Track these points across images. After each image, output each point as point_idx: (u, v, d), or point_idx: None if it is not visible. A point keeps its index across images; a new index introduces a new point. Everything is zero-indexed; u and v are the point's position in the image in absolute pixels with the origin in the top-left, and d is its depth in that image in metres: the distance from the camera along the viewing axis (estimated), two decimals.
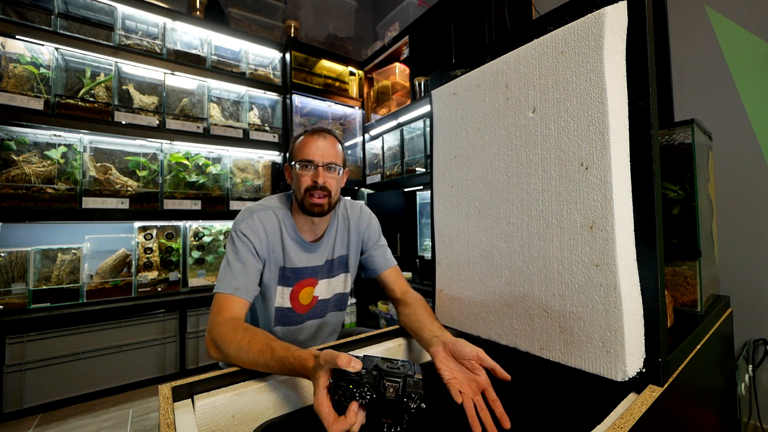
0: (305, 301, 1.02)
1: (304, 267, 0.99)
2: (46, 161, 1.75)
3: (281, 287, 0.98)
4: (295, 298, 1.00)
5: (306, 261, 0.99)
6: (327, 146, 0.94)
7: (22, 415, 1.56)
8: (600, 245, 0.59)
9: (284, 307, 0.99)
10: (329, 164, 0.93)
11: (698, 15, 1.49)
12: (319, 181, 0.91)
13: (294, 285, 0.99)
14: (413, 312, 0.89)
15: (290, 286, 0.99)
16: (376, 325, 2.43)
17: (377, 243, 1.11)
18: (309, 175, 0.92)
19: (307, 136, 0.96)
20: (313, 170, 0.92)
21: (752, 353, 1.31)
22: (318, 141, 0.94)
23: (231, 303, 0.82)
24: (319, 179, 0.91)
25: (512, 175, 0.75)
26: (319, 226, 1.00)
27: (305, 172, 0.93)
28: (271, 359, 0.64)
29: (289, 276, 0.98)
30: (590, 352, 0.61)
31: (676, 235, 0.95)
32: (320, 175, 0.91)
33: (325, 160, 0.93)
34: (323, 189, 0.92)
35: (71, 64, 1.90)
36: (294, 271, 0.98)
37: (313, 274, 1.01)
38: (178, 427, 0.54)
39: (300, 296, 1.01)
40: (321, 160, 0.92)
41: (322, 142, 0.94)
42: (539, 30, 0.72)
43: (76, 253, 1.80)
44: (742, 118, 1.37)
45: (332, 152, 0.95)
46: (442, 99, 0.96)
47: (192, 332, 1.97)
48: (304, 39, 2.75)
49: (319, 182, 0.91)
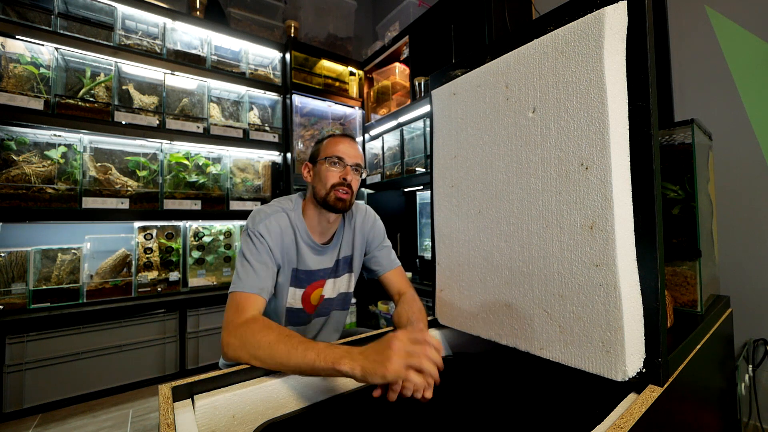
0: (315, 302, 1.04)
1: (317, 269, 1.01)
2: (46, 161, 1.75)
3: (293, 288, 0.99)
4: (307, 300, 1.02)
5: (319, 263, 1.02)
6: (354, 148, 1.01)
7: (22, 415, 1.56)
8: (600, 245, 0.59)
9: (295, 308, 1.00)
10: (356, 165, 0.99)
11: (698, 15, 1.49)
12: (348, 178, 0.96)
13: (306, 287, 1.01)
14: (404, 310, 0.93)
15: (302, 287, 1.00)
16: (376, 325, 2.43)
17: (381, 244, 1.13)
18: (338, 172, 0.97)
19: (337, 137, 1.01)
20: (342, 168, 0.97)
21: (752, 353, 1.31)
22: (348, 142, 1.00)
23: (252, 302, 0.82)
24: (347, 176, 0.97)
25: (512, 175, 0.75)
26: (330, 228, 1.03)
27: (334, 169, 0.97)
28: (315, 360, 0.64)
29: (302, 278, 0.99)
30: (590, 352, 0.61)
31: (676, 235, 0.95)
32: (349, 173, 0.97)
33: (353, 160, 0.99)
34: (348, 186, 0.97)
35: (71, 64, 1.90)
36: (307, 274, 1.00)
37: (324, 275, 1.04)
38: (178, 427, 0.54)
39: (311, 297, 1.03)
40: (351, 160, 0.98)
41: (351, 144, 1.01)
42: (539, 30, 0.72)
43: (76, 253, 1.80)
44: (742, 118, 1.37)
45: (358, 155, 1.01)
46: (442, 99, 0.96)
47: (192, 332, 1.97)
48: (304, 39, 2.75)
49: (348, 179, 0.96)
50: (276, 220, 0.95)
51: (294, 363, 0.65)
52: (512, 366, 0.81)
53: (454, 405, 0.85)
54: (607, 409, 0.54)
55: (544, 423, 0.74)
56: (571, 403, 0.70)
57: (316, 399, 0.72)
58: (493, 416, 0.81)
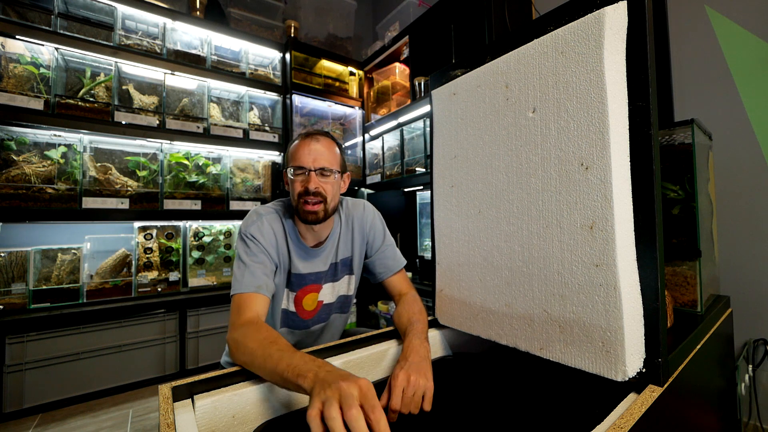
0: (310, 307, 1.01)
1: (308, 273, 0.98)
2: (46, 161, 1.75)
3: (288, 290, 0.98)
4: (299, 304, 0.99)
5: (309, 267, 0.98)
6: (320, 150, 0.90)
7: (22, 415, 1.56)
8: (600, 245, 0.59)
9: (290, 311, 0.99)
10: (322, 169, 0.89)
11: (698, 15, 1.49)
12: (311, 186, 0.87)
13: (297, 291, 0.98)
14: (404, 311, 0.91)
15: (294, 291, 0.98)
16: (376, 325, 2.43)
17: (383, 244, 1.07)
18: (300, 181, 0.89)
19: (300, 141, 0.92)
20: (305, 176, 0.89)
21: (752, 353, 1.31)
22: (311, 145, 0.90)
23: (253, 301, 0.80)
24: (310, 185, 0.87)
25: (512, 175, 0.75)
26: (321, 232, 0.98)
27: (297, 178, 0.90)
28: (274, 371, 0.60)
29: (294, 281, 0.97)
30: (590, 352, 0.61)
31: (676, 235, 0.95)
32: (312, 181, 0.88)
33: (317, 164, 0.89)
34: (316, 195, 0.88)
35: (71, 64, 1.90)
36: (297, 277, 0.97)
37: (317, 280, 1.00)
38: (178, 427, 0.54)
39: (304, 302, 1.00)
40: (313, 165, 0.89)
41: (315, 146, 0.90)
42: (539, 30, 0.72)
43: (76, 253, 1.80)
44: (742, 118, 1.37)
45: (326, 156, 0.91)
46: (442, 99, 0.96)
47: (192, 332, 1.97)
48: (304, 39, 2.75)
49: (311, 188, 0.87)
50: (268, 221, 0.93)
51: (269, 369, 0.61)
52: (512, 366, 0.81)
53: (454, 405, 0.85)
54: (607, 409, 0.54)
55: (544, 423, 0.74)
56: (571, 403, 0.70)
57: None
58: (493, 416, 0.82)
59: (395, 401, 0.65)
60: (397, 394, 0.65)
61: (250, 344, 0.68)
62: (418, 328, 0.82)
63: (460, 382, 0.90)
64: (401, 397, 0.65)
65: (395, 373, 0.68)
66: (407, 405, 0.65)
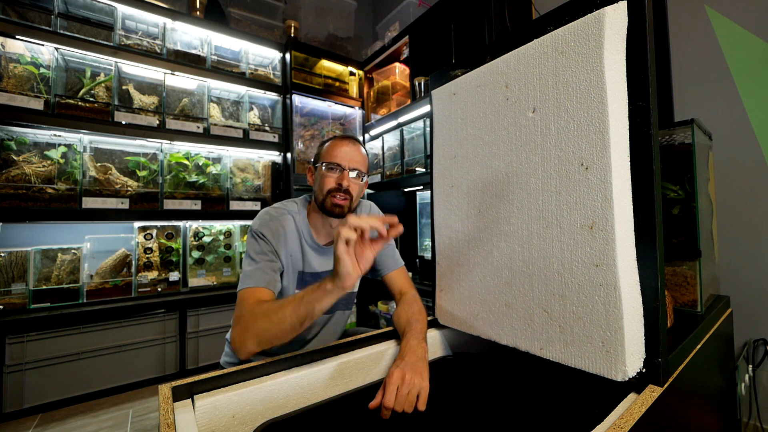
0: None
1: (323, 271, 1.01)
2: (46, 161, 1.75)
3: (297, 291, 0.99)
4: None
5: (325, 265, 1.02)
6: (354, 152, 0.97)
7: (22, 415, 1.56)
8: (600, 245, 0.59)
9: None
10: (355, 169, 0.96)
11: (698, 15, 1.49)
12: (344, 183, 0.94)
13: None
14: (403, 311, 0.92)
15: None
16: (376, 324, 2.43)
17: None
18: (334, 178, 0.95)
19: (337, 140, 0.99)
20: (339, 173, 0.95)
21: (752, 353, 1.31)
22: (347, 146, 0.97)
23: (259, 293, 0.83)
24: (343, 182, 0.94)
25: (512, 175, 0.75)
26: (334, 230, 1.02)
27: (331, 174, 0.95)
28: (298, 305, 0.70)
29: (309, 280, 0.99)
30: (590, 352, 0.61)
31: (676, 235, 0.95)
32: (345, 179, 0.94)
33: (351, 165, 0.96)
34: (346, 192, 0.94)
35: (71, 64, 1.90)
36: (314, 276, 1.00)
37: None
38: (178, 427, 0.54)
39: None
40: (348, 164, 0.95)
41: (350, 148, 0.97)
42: (539, 30, 0.72)
43: (76, 253, 1.80)
44: (742, 118, 1.37)
45: (359, 158, 0.98)
46: (442, 99, 0.96)
47: (192, 332, 1.97)
48: (304, 39, 2.75)
49: (344, 185, 0.94)
50: (281, 222, 0.96)
51: (290, 311, 0.70)
52: (512, 366, 0.81)
53: (454, 405, 0.85)
54: (607, 409, 0.54)
55: (545, 423, 0.74)
56: (571, 403, 0.70)
57: (316, 399, 0.72)
58: (493, 416, 0.82)
59: (389, 398, 0.65)
60: (391, 391, 0.66)
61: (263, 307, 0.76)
62: (417, 328, 0.83)
63: (460, 382, 0.90)
64: (395, 395, 0.66)
65: (391, 371, 0.69)
66: (401, 403, 0.66)
